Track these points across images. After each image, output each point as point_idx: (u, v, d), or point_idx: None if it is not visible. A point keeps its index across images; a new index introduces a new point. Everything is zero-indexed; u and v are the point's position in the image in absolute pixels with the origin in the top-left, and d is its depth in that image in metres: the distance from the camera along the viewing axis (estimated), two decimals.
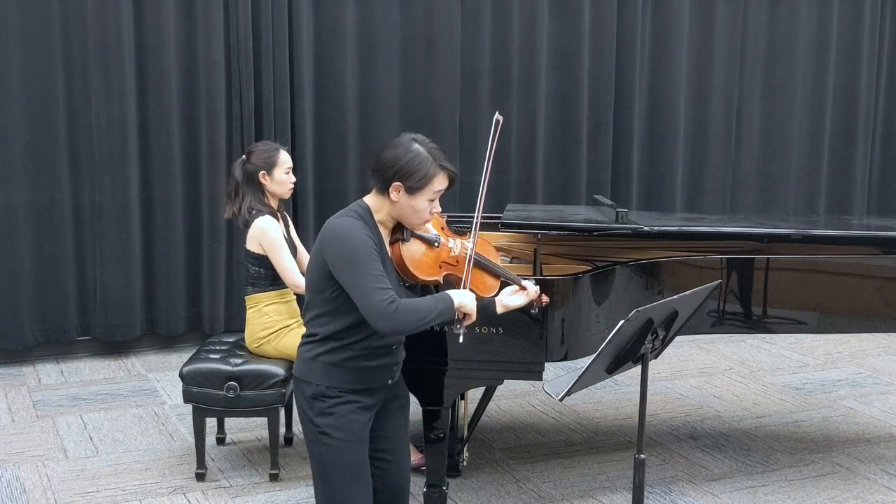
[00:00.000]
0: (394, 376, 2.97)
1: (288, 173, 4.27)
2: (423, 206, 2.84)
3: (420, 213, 2.85)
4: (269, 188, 4.23)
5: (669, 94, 7.09)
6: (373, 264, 2.73)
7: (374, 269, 2.72)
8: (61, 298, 5.76)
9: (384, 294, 2.69)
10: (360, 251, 2.73)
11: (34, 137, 5.59)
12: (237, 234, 6.02)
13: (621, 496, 4.07)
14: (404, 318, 2.71)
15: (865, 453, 4.58)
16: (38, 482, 4.15)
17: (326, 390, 2.83)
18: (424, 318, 2.74)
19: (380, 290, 2.70)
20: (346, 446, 2.85)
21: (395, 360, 2.95)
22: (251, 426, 4.72)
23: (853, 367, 5.95)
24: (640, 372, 3.09)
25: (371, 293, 2.69)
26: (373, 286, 2.70)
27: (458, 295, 2.83)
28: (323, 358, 2.85)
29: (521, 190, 6.70)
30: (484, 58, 6.55)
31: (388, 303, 2.69)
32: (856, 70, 7.65)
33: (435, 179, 2.83)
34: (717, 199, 7.37)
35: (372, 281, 2.70)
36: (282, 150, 4.28)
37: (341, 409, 2.84)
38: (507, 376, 3.63)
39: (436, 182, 2.83)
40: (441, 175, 2.85)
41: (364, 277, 2.71)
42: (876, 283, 4.09)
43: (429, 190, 2.83)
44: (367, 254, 2.73)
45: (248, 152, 4.28)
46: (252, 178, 4.21)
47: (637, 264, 3.85)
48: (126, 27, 5.63)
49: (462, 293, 2.84)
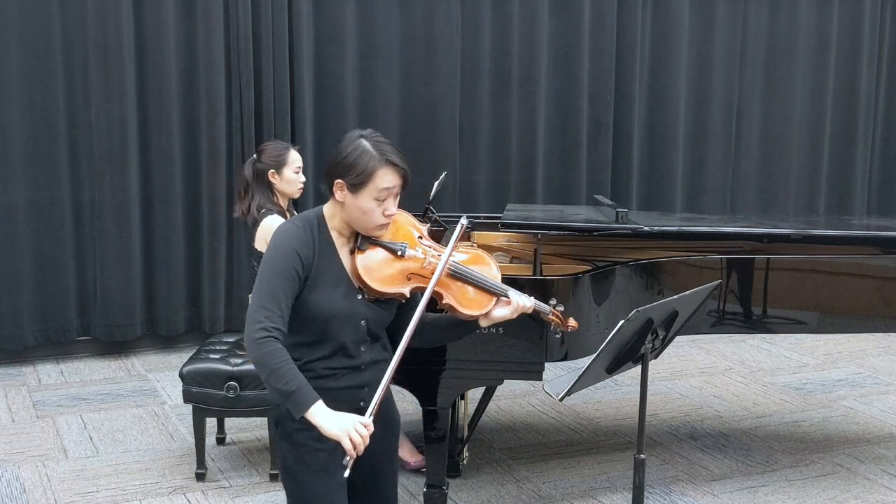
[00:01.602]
0: (365, 399, 2.61)
1: (297, 173, 4.25)
2: (369, 206, 2.54)
3: (369, 215, 2.56)
4: (278, 187, 4.22)
5: (669, 95, 7.09)
6: (275, 282, 2.49)
7: (275, 286, 2.49)
8: (61, 298, 5.76)
9: (263, 321, 2.45)
10: (273, 263, 2.52)
11: (34, 137, 5.59)
12: (237, 233, 6.03)
13: (621, 496, 4.07)
14: (262, 357, 2.44)
15: (865, 453, 4.58)
16: (38, 482, 4.15)
17: (288, 413, 2.51)
18: (270, 376, 2.43)
19: (264, 311, 2.46)
20: (310, 479, 2.59)
21: (362, 382, 2.64)
22: (251, 426, 4.72)
23: (853, 367, 5.95)
24: (640, 372, 3.09)
25: (255, 310, 2.47)
26: (261, 301, 2.48)
27: (321, 412, 2.42)
28: None
29: (521, 190, 6.70)
30: (484, 58, 6.55)
31: (261, 330, 2.44)
32: (856, 70, 7.65)
33: (377, 174, 2.52)
34: (717, 199, 7.37)
35: (264, 298, 2.48)
36: (292, 150, 4.27)
37: (303, 435, 2.54)
38: (507, 376, 3.63)
39: (379, 177, 2.52)
40: (385, 170, 2.53)
41: (260, 292, 2.49)
42: (876, 283, 4.09)
43: (372, 187, 2.53)
44: (277, 268, 2.51)
45: (259, 151, 4.27)
46: (261, 177, 4.20)
47: (637, 264, 3.84)
48: (126, 27, 5.63)
49: (331, 421, 2.42)
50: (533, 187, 6.73)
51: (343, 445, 2.41)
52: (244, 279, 6.04)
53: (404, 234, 2.68)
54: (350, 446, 2.41)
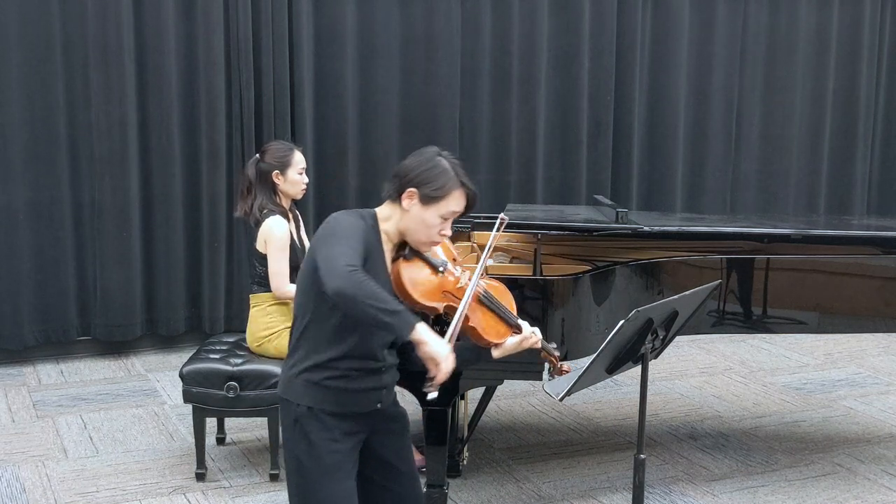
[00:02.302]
0: (382, 400, 2.73)
1: (301, 174, 4.25)
2: (434, 222, 2.63)
3: (429, 230, 2.64)
4: (281, 188, 4.21)
5: (669, 95, 7.09)
6: (352, 239, 2.51)
7: (353, 243, 2.50)
8: (61, 298, 5.76)
9: (350, 259, 2.44)
10: (346, 229, 2.55)
11: (34, 137, 5.59)
12: (237, 233, 6.03)
13: (621, 496, 4.07)
14: (358, 283, 2.40)
15: (865, 453, 4.58)
16: (38, 482, 4.15)
17: (307, 412, 2.61)
18: (377, 302, 2.40)
19: (346, 255, 2.45)
20: (323, 478, 2.62)
21: (382, 384, 2.71)
22: (251, 426, 4.72)
23: (853, 367, 5.95)
24: (640, 372, 3.09)
25: (336, 255, 2.45)
26: (341, 251, 2.46)
27: (426, 331, 2.46)
28: (305, 375, 2.63)
29: (521, 190, 6.70)
30: (484, 58, 6.55)
31: (351, 266, 2.42)
32: (856, 70, 7.65)
33: (452, 194, 2.63)
34: (717, 199, 7.37)
35: (343, 248, 2.47)
36: (296, 151, 4.26)
37: (320, 435, 2.61)
38: (507, 376, 3.63)
39: (453, 197, 2.64)
40: (459, 192, 2.65)
41: (336, 245, 2.48)
42: (876, 283, 4.09)
43: (444, 204, 2.63)
44: (350, 233, 2.53)
45: (262, 151, 4.26)
46: (265, 177, 4.19)
47: (637, 264, 3.85)
48: (126, 27, 5.63)
49: (436, 338, 2.48)
50: (533, 187, 6.73)
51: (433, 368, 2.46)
52: (244, 279, 6.04)
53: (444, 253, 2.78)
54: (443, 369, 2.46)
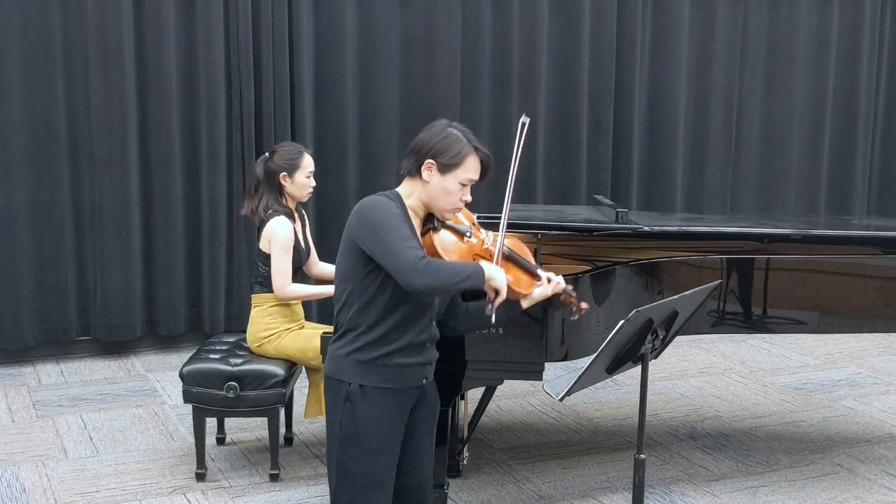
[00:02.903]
0: (427, 376, 2.91)
1: (309, 177, 4.23)
2: (454, 188, 2.80)
3: (451, 197, 2.81)
4: (288, 189, 4.20)
5: (669, 94, 7.09)
6: (401, 227, 2.70)
7: (403, 230, 2.70)
8: (61, 298, 5.76)
9: (414, 251, 2.67)
10: (388, 217, 2.71)
11: (34, 137, 5.59)
12: (237, 233, 6.03)
13: (621, 496, 4.07)
14: (436, 271, 2.66)
15: (865, 453, 4.58)
16: (38, 482, 4.15)
17: (359, 390, 2.77)
18: (456, 277, 2.69)
19: (410, 248, 2.67)
20: (371, 456, 2.79)
21: (427, 359, 2.89)
22: (251, 426, 4.72)
23: (853, 367, 5.95)
24: (640, 372, 3.09)
25: (401, 251, 2.66)
26: (402, 244, 2.67)
27: (489, 267, 2.78)
28: (356, 355, 2.78)
29: (521, 190, 6.69)
30: (484, 58, 6.55)
31: (420, 258, 2.66)
32: (856, 70, 7.65)
33: (468, 159, 2.81)
34: (717, 199, 7.37)
35: (401, 241, 2.67)
36: (306, 154, 4.23)
37: (370, 413, 2.77)
38: (507, 376, 3.63)
39: (469, 162, 2.81)
40: (474, 157, 2.83)
41: (393, 239, 2.67)
42: (876, 283, 4.09)
43: (462, 170, 2.80)
44: (396, 219, 2.71)
45: (272, 151, 4.24)
46: (272, 178, 4.17)
47: (637, 264, 3.84)
48: (126, 27, 5.63)
49: (493, 268, 2.79)
50: (533, 187, 6.73)
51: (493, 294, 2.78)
52: (244, 279, 6.04)
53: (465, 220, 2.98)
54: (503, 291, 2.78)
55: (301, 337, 4.18)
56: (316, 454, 4.46)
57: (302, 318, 4.29)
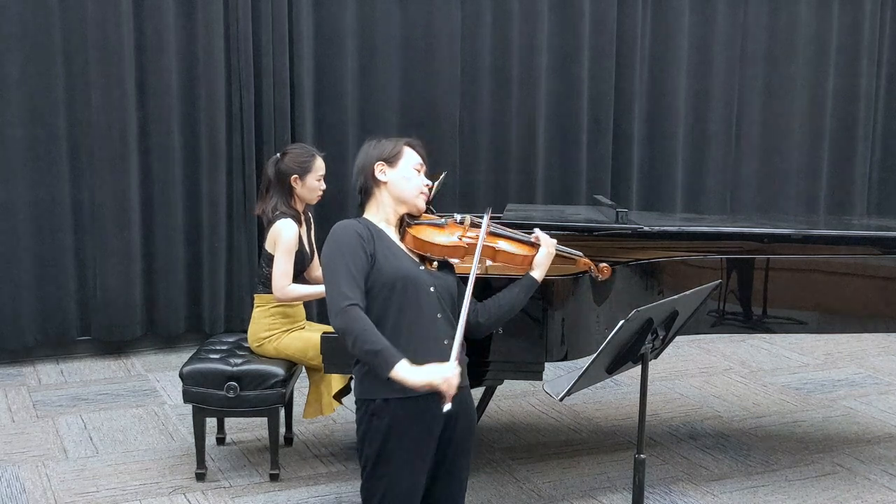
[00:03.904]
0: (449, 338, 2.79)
1: (320, 180, 4.21)
2: (410, 173, 2.95)
3: (412, 181, 2.95)
4: (298, 192, 4.18)
5: (669, 94, 7.09)
6: (347, 261, 2.75)
7: (348, 267, 2.74)
8: (61, 298, 5.76)
9: (346, 293, 2.71)
10: (341, 248, 2.78)
11: (34, 137, 5.59)
12: (237, 233, 6.03)
13: (621, 496, 4.07)
14: (352, 323, 2.67)
15: (865, 453, 4.58)
16: (38, 482, 4.15)
17: (383, 404, 2.76)
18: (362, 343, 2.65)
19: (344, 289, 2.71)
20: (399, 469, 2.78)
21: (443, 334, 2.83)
22: (251, 426, 4.72)
23: (853, 367, 5.95)
24: (640, 372, 3.09)
25: (335, 288, 2.73)
26: (339, 282, 2.73)
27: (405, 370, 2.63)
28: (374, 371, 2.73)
29: (521, 190, 6.70)
30: (484, 58, 6.55)
31: (346, 301, 2.69)
32: (856, 70, 7.65)
33: (404, 149, 2.99)
34: (717, 199, 7.37)
35: (342, 278, 2.74)
36: (318, 157, 4.21)
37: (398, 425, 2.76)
38: (507, 376, 3.63)
39: (406, 151, 2.98)
40: (407, 147, 3.00)
41: (336, 272, 2.75)
42: (876, 283, 4.09)
43: (406, 157, 2.97)
44: (345, 252, 2.77)
45: (284, 152, 4.22)
46: (283, 180, 4.16)
47: (637, 264, 3.84)
48: (126, 27, 5.63)
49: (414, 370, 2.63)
50: (533, 187, 6.73)
51: (435, 388, 2.63)
52: (244, 279, 6.04)
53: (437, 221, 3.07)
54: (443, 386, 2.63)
55: (301, 337, 4.18)
56: (316, 454, 4.46)
57: (303, 318, 4.29)
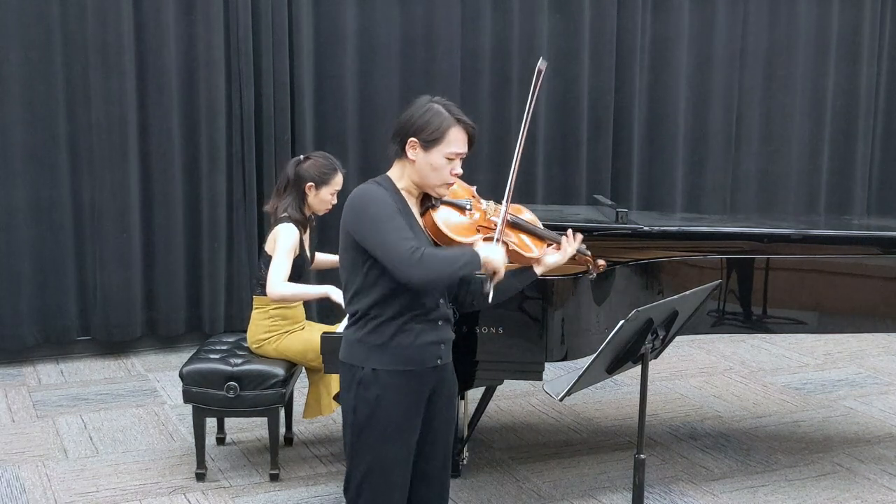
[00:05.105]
0: (442, 356, 2.85)
1: (334, 195, 4.18)
2: (440, 163, 2.75)
3: (439, 172, 2.76)
4: (310, 200, 4.15)
5: (669, 94, 7.09)
6: (393, 219, 2.68)
7: (395, 223, 2.68)
8: (61, 298, 5.76)
9: (408, 243, 2.64)
10: (379, 208, 2.70)
11: (34, 137, 5.59)
12: (237, 233, 6.03)
13: (621, 496, 4.07)
14: (431, 263, 2.65)
15: (865, 453, 4.58)
16: (38, 482, 4.15)
17: (371, 374, 2.75)
18: (452, 265, 2.69)
19: (403, 240, 2.65)
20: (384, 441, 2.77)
21: (440, 338, 2.83)
22: (251, 426, 4.72)
23: (853, 367, 5.95)
24: (640, 372, 3.09)
25: (394, 244, 2.64)
26: (395, 238, 2.65)
27: (484, 248, 2.77)
28: (366, 339, 2.77)
29: (521, 190, 6.68)
30: (484, 58, 6.55)
31: (413, 250, 2.63)
32: (856, 70, 7.65)
33: (450, 132, 2.76)
34: (717, 199, 7.37)
35: (393, 233, 2.66)
36: (339, 172, 4.18)
37: (382, 397, 2.75)
38: (507, 376, 3.63)
39: (451, 135, 2.76)
40: (457, 129, 2.77)
41: (386, 232, 2.66)
42: (876, 283, 4.09)
43: (445, 144, 2.75)
44: (386, 211, 2.69)
45: (306, 157, 4.20)
46: (299, 184, 4.14)
47: (637, 264, 3.85)
48: (126, 27, 5.63)
49: (489, 247, 2.79)
50: (533, 187, 6.73)
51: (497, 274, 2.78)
52: (244, 279, 6.04)
53: (463, 194, 2.95)
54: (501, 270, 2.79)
55: (301, 338, 4.18)
56: (316, 454, 4.46)
57: (303, 319, 4.29)
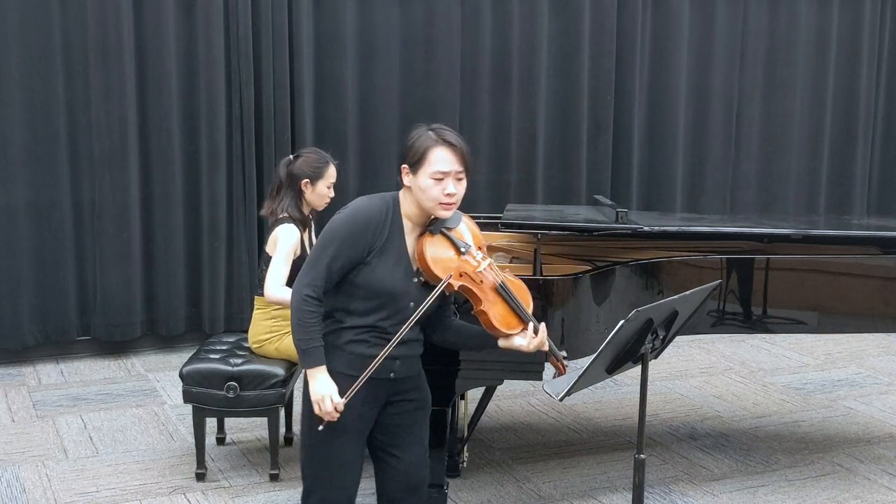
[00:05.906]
0: (396, 371, 2.87)
1: (330, 188, 4.20)
2: (427, 184, 2.75)
3: (428, 193, 2.76)
4: (307, 196, 4.16)
5: (669, 94, 7.09)
6: (339, 250, 2.75)
7: (338, 254, 2.74)
8: (61, 298, 5.76)
9: (315, 280, 2.74)
10: (344, 231, 2.77)
11: (34, 137, 5.59)
12: (237, 233, 6.03)
13: (621, 496, 4.07)
14: (301, 311, 2.74)
15: (865, 453, 4.58)
16: (38, 482, 4.15)
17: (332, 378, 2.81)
18: (297, 334, 2.77)
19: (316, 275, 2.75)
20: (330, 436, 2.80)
21: (395, 354, 2.81)
22: (251, 426, 4.72)
23: (853, 367, 5.95)
24: (640, 372, 3.09)
25: (310, 266, 2.77)
26: (318, 265, 2.76)
27: (314, 374, 2.77)
28: (327, 338, 2.82)
29: (521, 190, 6.70)
30: (484, 58, 6.55)
31: (308, 287, 2.74)
32: (856, 70, 7.65)
33: (431, 151, 2.76)
34: (717, 199, 7.37)
35: (323, 260, 2.75)
36: (331, 164, 4.19)
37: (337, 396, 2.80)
38: (507, 376, 3.62)
39: (433, 154, 2.76)
40: (439, 148, 2.77)
41: (322, 252, 2.76)
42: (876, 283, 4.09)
43: (428, 164, 2.76)
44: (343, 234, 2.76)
45: (297, 155, 4.21)
46: (294, 182, 4.15)
47: (637, 264, 3.84)
48: (126, 27, 5.63)
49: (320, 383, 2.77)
50: (533, 187, 6.73)
51: (315, 402, 2.77)
52: (244, 279, 6.04)
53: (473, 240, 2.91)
54: (317, 410, 2.77)
55: None
56: None
57: None
